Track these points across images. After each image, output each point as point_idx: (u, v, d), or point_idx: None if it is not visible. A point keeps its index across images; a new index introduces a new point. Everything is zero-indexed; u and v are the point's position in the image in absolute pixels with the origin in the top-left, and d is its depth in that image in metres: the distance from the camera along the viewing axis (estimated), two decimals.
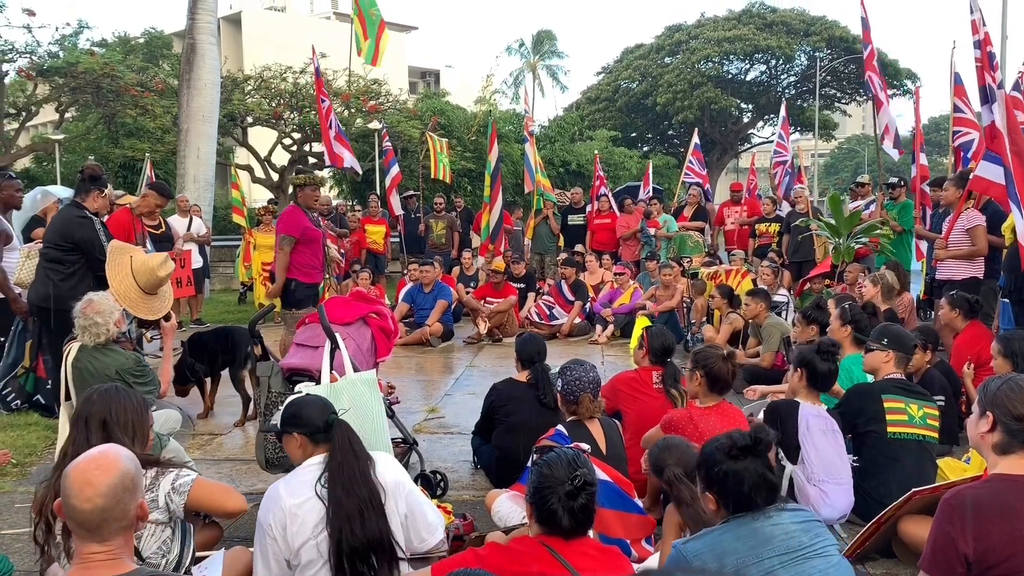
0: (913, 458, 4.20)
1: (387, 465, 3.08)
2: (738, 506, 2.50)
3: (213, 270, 14.30)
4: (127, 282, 4.93)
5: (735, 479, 2.48)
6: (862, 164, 58.77)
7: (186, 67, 14.56)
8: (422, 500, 3.12)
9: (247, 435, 5.99)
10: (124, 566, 2.08)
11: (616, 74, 44.02)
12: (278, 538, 2.89)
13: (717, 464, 2.53)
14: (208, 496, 2.95)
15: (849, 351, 5.25)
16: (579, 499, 2.42)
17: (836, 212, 8.96)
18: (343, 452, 2.95)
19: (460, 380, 8.08)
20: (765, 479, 2.49)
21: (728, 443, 2.53)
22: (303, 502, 2.88)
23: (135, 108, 20.46)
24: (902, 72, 38.38)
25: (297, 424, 3.07)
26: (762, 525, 2.46)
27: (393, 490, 2.99)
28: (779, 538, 2.44)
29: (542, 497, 2.45)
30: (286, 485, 2.98)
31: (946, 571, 2.54)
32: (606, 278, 11.24)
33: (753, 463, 2.49)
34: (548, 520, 2.44)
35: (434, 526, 3.10)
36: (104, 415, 2.96)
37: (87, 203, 5.81)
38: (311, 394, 3.29)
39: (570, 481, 2.41)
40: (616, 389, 4.82)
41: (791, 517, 2.51)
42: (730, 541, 2.45)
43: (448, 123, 22.08)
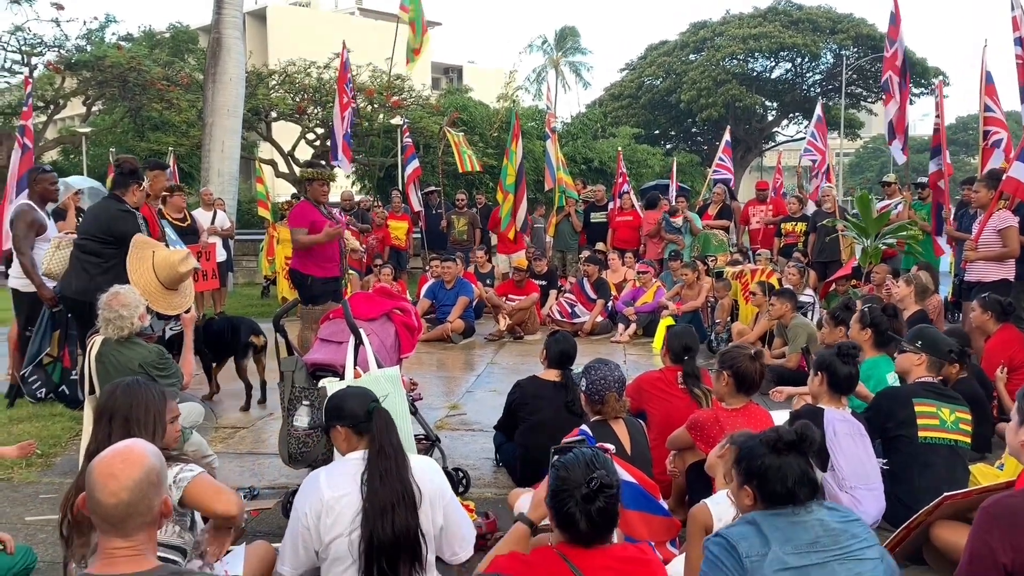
0: (944, 463, 4.12)
1: (430, 472, 3.03)
2: (778, 500, 2.43)
3: (236, 264, 14.38)
4: (147, 276, 4.94)
5: (778, 473, 2.41)
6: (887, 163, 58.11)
7: (211, 61, 14.64)
8: (459, 512, 3.06)
9: (270, 429, 5.99)
10: (147, 562, 2.06)
11: (640, 71, 43.78)
12: (311, 527, 2.86)
13: (759, 457, 2.47)
14: (200, 494, 2.88)
15: (869, 354, 5.16)
16: (597, 502, 2.34)
17: (864, 212, 8.84)
18: (381, 441, 2.91)
19: (481, 377, 8.05)
20: (808, 476, 2.43)
21: (773, 437, 2.47)
22: (342, 496, 2.85)
23: (161, 102, 20.65)
24: (930, 71, 37.88)
25: (340, 417, 3.05)
26: (802, 518, 2.40)
27: (433, 497, 2.93)
28: (819, 534, 2.38)
29: (559, 501, 2.38)
30: (328, 475, 2.95)
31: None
32: (628, 276, 11.17)
33: (796, 459, 2.43)
34: (566, 524, 2.38)
35: (467, 541, 3.05)
36: (126, 411, 2.95)
37: (126, 197, 5.83)
38: (352, 386, 3.26)
39: (586, 484, 2.34)
40: (641, 389, 4.77)
41: (833, 515, 2.45)
42: (771, 528, 2.39)
43: (470, 119, 22.07)
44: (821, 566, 2.33)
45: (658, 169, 28.04)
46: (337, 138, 12.41)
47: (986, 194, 7.40)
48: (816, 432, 2.54)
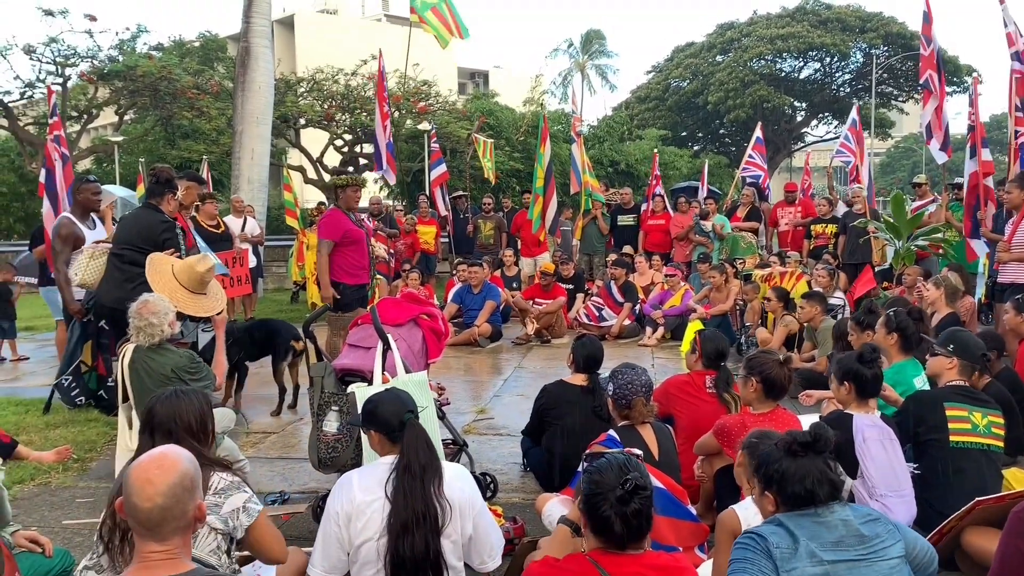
0: (976, 467, 4.06)
1: (462, 481, 3.03)
2: (799, 502, 2.44)
3: (266, 270, 14.54)
4: (171, 284, 5.00)
5: (796, 476, 2.43)
6: (919, 163, 57.36)
7: (240, 70, 14.82)
8: (489, 522, 3.06)
9: (300, 434, 6.05)
10: (183, 565, 2.11)
11: (666, 73, 43.64)
12: (342, 527, 2.88)
13: (775, 462, 2.48)
14: (265, 533, 2.94)
15: (896, 359, 5.08)
16: (632, 504, 2.33)
17: (898, 213, 8.73)
18: (409, 458, 2.91)
19: (509, 381, 8.07)
20: (827, 476, 2.44)
21: (788, 439, 2.48)
22: (373, 500, 2.87)
23: (191, 110, 20.93)
24: (962, 69, 37.35)
25: (373, 422, 3.08)
26: (825, 517, 2.42)
27: (463, 508, 2.93)
28: (841, 532, 2.39)
29: (593, 505, 2.37)
30: (360, 478, 2.97)
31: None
32: (656, 279, 11.14)
33: (813, 460, 2.44)
34: (601, 528, 2.36)
35: (496, 550, 3.06)
36: (169, 425, 3.00)
37: (162, 206, 5.91)
38: (392, 390, 3.24)
39: (621, 486, 2.33)
40: (668, 393, 4.76)
41: (853, 513, 2.46)
42: (796, 525, 2.41)
43: (497, 123, 22.13)
44: (848, 564, 2.34)
45: (685, 171, 27.92)
46: (381, 148, 12.50)
47: (1019, 195, 7.29)
48: (830, 431, 2.54)
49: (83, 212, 6.89)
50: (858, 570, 2.35)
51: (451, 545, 2.91)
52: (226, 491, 2.91)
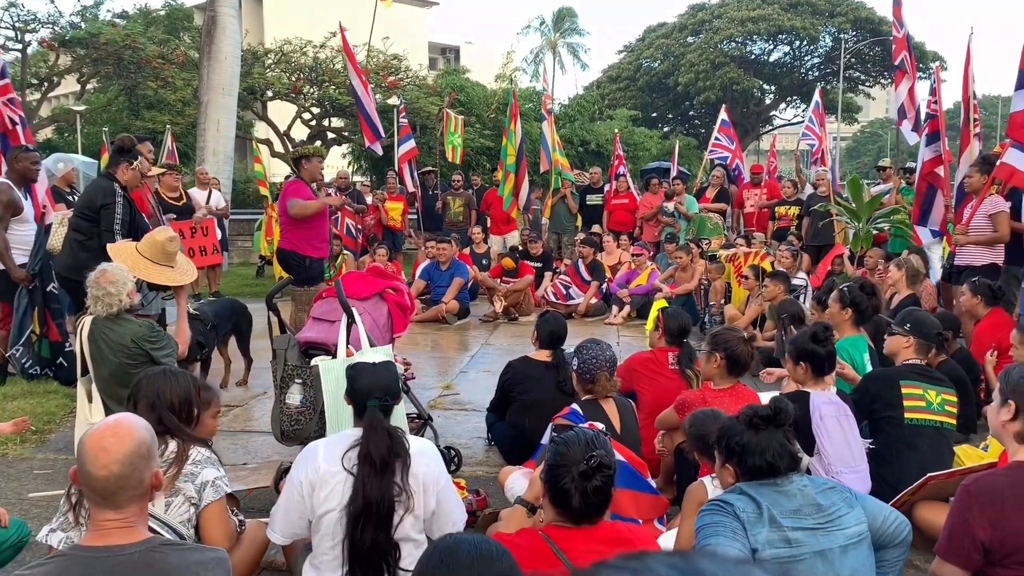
0: (930, 444, 4.16)
1: (428, 456, 3.02)
2: (759, 474, 2.50)
3: (231, 244, 14.37)
4: (133, 256, 4.91)
5: (756, 448, 2.49)
6: (884, 148, 58.08)
7: (207, 39, 14.56)
8: (453, 498, 3.06)
9: (263, 407, 6.02)
10: (139, 534, 2.10)
11: (638, 53, 43.68)
12: (305, 496, 2.88)
13: (737, 435, 2.53)
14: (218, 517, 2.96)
15: (848, 332, 5.19)
16: (593, 480, 2.34)
17: (856, 197, 8.86)
18: (368, 447, 2.87)
19: (476, 358, 8.09)
20: (787, 449, 2.50)
21: (749, 413, 2.53)
22: (337, 471, 2.86)
23: (156, 80, 20.53)
24: (928, 55, 37.80)
25: (348, 390, 3.09)
26: (785, 487, 2.48)
27: (427, 484, 2.93)
28: (800, 501, 2.46)
29: (556, 475, 2.38)
30: (326, 448, 2.95)
31: (963, 558, 2.52)
32: (623, 258, 11.19)
33: (774, 433, 2.49)
34: (560, 500, 2.38)
35: (457, 525, 3.06)
36: (153, 399, 3.00)
37: (118, 174, 5.82)
38: (383, 366, 3.14)
39: (585, 461, 2.34)
40: (632, 369, 4.81)
41: (811, 484, 2.53)
42: (757, 493, 2.47)
43: (467, 100, 21.98)
44: (806, 531, 2.41)
45: (655, 152, 27.98)
46: (375, 119, 12.36)
47: (979, 179, 7.41)
48: (790, 405, 2.59)
49: (20, 181, 6.72)
50: (815, 538, 2.41)
51: (413, 519, 2.92)
52: (202, 463, 2.96)
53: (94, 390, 4.49)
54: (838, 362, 4.43)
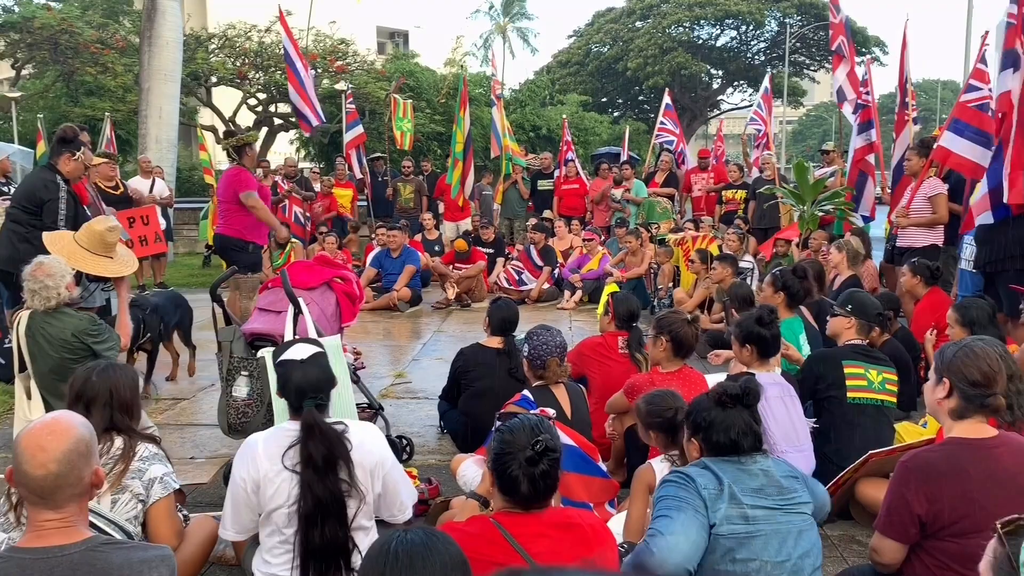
0: (872, 422, 4.27)
1: (370, 441, 2.98)
2: (722, 450, 2.56)
3: (177, 233, 14.09)
4: (71, 247, 4.76)
5: (723, 425, 2.54)
6: (829, 131, 59.13)
7: (147, 24, 14.20)
8: (399, 477, 3.04)
9: (210, 400, 5.93)
10: (79, 533, 2.05)
11: (587, 37, 43.72)
12: (250, 493, 2.84)
13: (705, 411, 2.59)
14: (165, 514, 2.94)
15: (784, 315, 5.29)
16: (540, 465, 2.34)
17: (801, 180, 9.01)
18: (310, 450, 2.81)
19: (428, 345, 8.06)
20: (752, 428, 2.55)
21: (719, 390, 2.59)
22: (281, 469, 2.82)
23: (95, 66, 19.97)
24: (870, 39, 38.49)
25: (279, 386, 3.03)
26: (748, 465, 2.53)
27: (373, 469, 2.92)
28: (762, 481, 2.51)
29: (503, 463, 2.38)
30: (265, 445, 2.89)
31: (900, 532, 2.59)
32: (575, 244, 11.24)
33: (741, 412, 2.55)
34: (508, 488, 2.38)
35: (405, 505, 3.06)
36: (106, 398, 2.94)
37: (59, 166, 5.66)
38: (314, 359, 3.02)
39: (531, 447, 2.34)
40: (582, 354, 4.84)
41: (775, 465, 2.58)
42: (720, 469, 2.52)
43: (417, 84, 21.81)
44: (766, 511, 2.46)
45: (606, 137, 28.10)
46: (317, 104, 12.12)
47: (917, 162, 7.60)
48: (760, 387, 2.65)
49: None
50: (775, 517, 2.47)
51: (364, 508, 2.91)
52: (150, 459, 2.93)
53: (33, 387, 4.36)
54: (783, 343, 4.52)
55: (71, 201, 5.63)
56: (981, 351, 2.61)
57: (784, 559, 2.44)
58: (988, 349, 2.63)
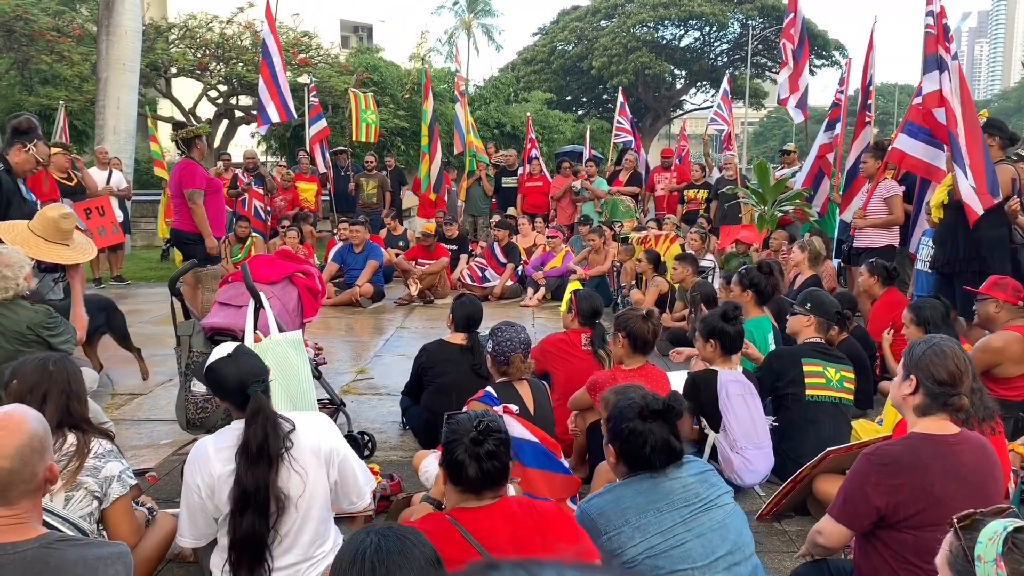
0: (830, 419, 4.35)
1: (322, 431, 2.97)
2: (637, 463, 2.56)
3: (135, 226, 13.85)
4: (24, 234, 4.65)
5: (639, 439, 2.53)
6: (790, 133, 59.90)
7: (105, 12, 13.92)
8: (354, 465, 3.02)
9: (168, 395, 5.84)
10: (32, 530, 2.01)
11: (552, 35, 43.79)
12: (205, 499, 2.81)
13: (626, 421, 2.57)
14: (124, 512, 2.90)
15: (753, 313, 5.36)
16: (486, 445, 2.34)
17: (762, 180, 9.13)
18: (248, 436, 2.77)
19: (390, 341, 8.02)
20: (669, 444, 2.54)
21: (641, 403, 2.56)
22: (233, 470, 2.78)
23: (50, 54, 19.50)
24: (831, 43, 39.13)
25: (215, 389, 2.96)
26: (661, 480, 2.53)
27: (327, 458, 2.89)
28: (677, 492, 2.52)
29: (449, 450, 2.38)
30: (216, 448, 2.85)
31: (854, 519, 2.65)
32: (539, 241, 11.26)
33: (660, 428, 2.53)
34: (456, 474, 2.37)
35: (363, 491, 3.04)
36: (64, 388, 2.88)
37: (9, 157, 5.51)
38: (237, 353, 2.99)
39: (474, 428, 2.35)
40: (545, 351, 4.85)
41: (688, 470, 2.60)
42: (631, 496, 2.52)
43: (381, 79, 21.68)
44: (684, 523, 2.48)
45: (570, 135, 28.17)
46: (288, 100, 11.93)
47: (873, 164, 7.74)
48: (684, 403, 2.65)
49: None
50: (695, 520, 2.50)
51: (320, 496, 2.88)
52: (105, 456, 2.87)
53: None
54: (745, 343, 4.57)
55: (20, 194, 5.46)
56: (950, 351, 2.66)
57: (713, 559, 2.47)
58: (956, 349, 2.68)
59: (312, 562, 2.89)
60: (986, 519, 1.76)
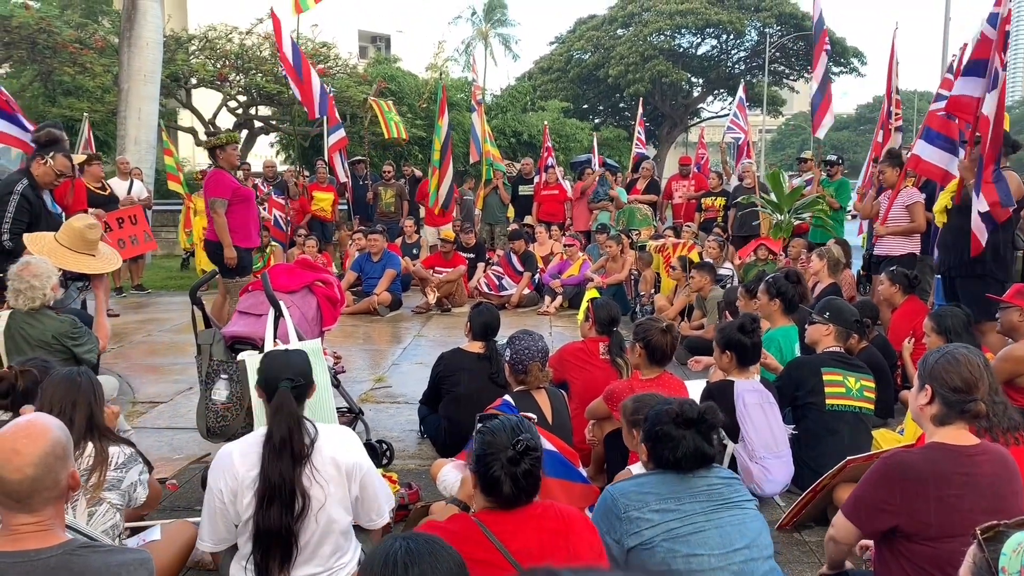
0: (850, 429, 4.31)
1: (347, 445, 2.98)
2: (666, 465, 2.62)
3: (155, 235, 13.94)
4: (51, 245, 4.72)
5: (670, 443, 2.59)
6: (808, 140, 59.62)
7: (127, 24, 14.09)
8: (376, 484, 3.03)
9: (188, 403, 5.88)
10: (56, 537, 2.03)
11: (569, 44, 43.84)
12: (227, 504, 2.82)
13: (660, 424, 2.62)
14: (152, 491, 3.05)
15: (780, 322, 5.32)
16: (522, 464, 2.36)
17: (776, 188, 9.09)
18: (272, 428, 2.83)
19: (408, 349, 8.04)
20: (700, 451, 2.59)
21: (677, 410, 2.61)
22: (256, 473, 2.80)
23: (73, 66, 19.75)
24: (849, 50, 38.95)
25: (259, 379, 3.04)
26: (687, 478, 2.60)
27: (350, 471, 2.90)
28: (702, 488, 2.58)
29: (485, 464, 2.38)
30: (240, 453, 2.87)
31: (865, 520, 2.67)
32: (555, 249, 11.26)
33: (693, 436, 2.58)
34: (491, 488, 2.39)
35: (383, 509, 3.05)
36: (90, 398, 2.93)
37: (32, 169, 5.58)
38: (292, 351, 3.16)
39: (512, 447, 2.36)
40: (563, 359, 4.84)
41: (716, 473, 2.65)
42: (654, 484, 2.60)
43: (399, 89, 21.79)
44: (704, 513, 2.53)
45: (586, 143, 28.16)
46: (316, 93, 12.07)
47: (892, 173, 7.69)
48: (719, 415, 2.68)
49: None
50: (717, 514, 2.55)
51: (341, 509, 2.89)
52: (126, 465, 2.91)
53: None
54: (762, 352, 4.55)
55: (27, 207, 5.50)
56: (963, 358, 2.65)
57: (731, 550, 2.51)
58: (970, 356, 2.67)
59: (330, 572, 2.90)
60: (1010, 530, 1.74)
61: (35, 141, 5.73)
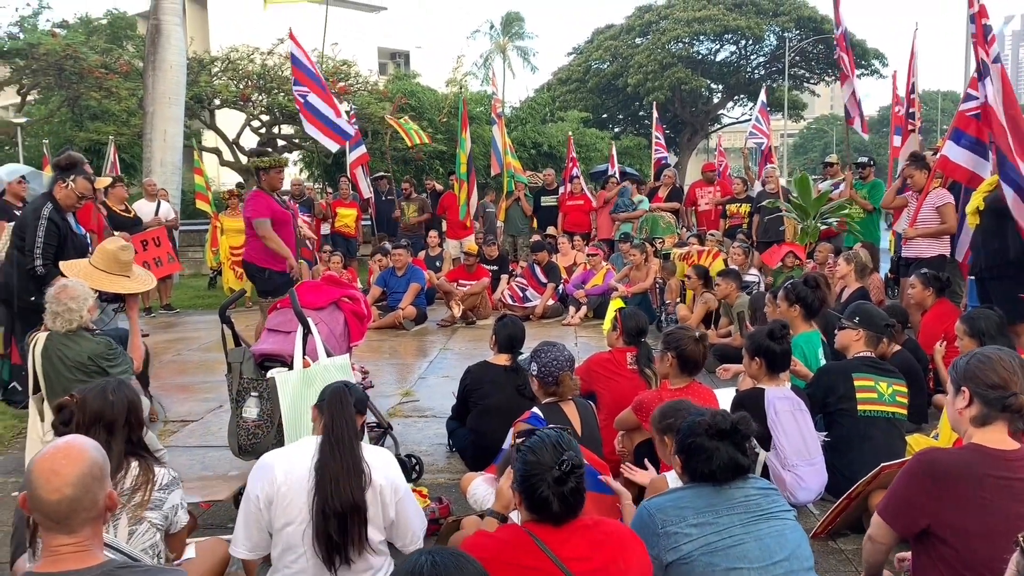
0: (883, 435, 4.25)
1: (385, 466, 3.01)
2: (701, 477, 2.59)
3: (182, 255, 14.11)
4: (87, 269, 4.79)
5: (705, 455, 2.56)
6: (830, 144, 59.27)
7: (151, 48, 14.30)
8: (411, 507, 3.05)
9: (219, 421, 5.93)
10: (94, 557, 2.04)
11: (587, 55, 43.95)
12: (263, 509, 2.85)
13: (694, 436, 2.60)
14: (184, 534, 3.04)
15: (802, 328, 5.27)
16: (569, 483, 2.34)
17: (804, 193, 9.02)
18: (332, 413, 2.94)
19: (434, 363, 8.06)
20: (735, 462, 2.56)
21: (709, 422, 2.59)
22: (295, 482, 2.83)
23: (99, 90, 20.07)
24: (869, 52, 38.69)
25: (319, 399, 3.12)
26: (724, 490, 2.57)
27: (385, 492, 2.92)
28: (739, 499, 2.55)
29: (531, 485, 2.36)
30: (281, 461, 2.92)
31: (901, 521, 2.64)
32: (579, 260, 11.25)
33: (726, 447, 2.55)
34: (539, 508, 2.37)
35: (417, 535, 3.06)
36: (125, 415, 2.93)
37: (56, 194, 5.66)
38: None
39: (558, 466, 2.33)
40: (591, 370, 4.83)
41: (753, 484, 2.62)
42: (691, 498, 2.57)
43: (419, 104, 21.90)
44: (743, 525, 2.50)
45: (607, 153, 28.11)
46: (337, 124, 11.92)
47: (920, 176, 7.61)
48: (752, 425, 2.66)
49: None
50: (755, 525, 2.51)
51: (375, 529, 2.90)
52: (169, 487, 2.91)
53: (46, 408, 4.37)
54: (791, 359, 4.51)
55: (55, 230, 5.58)
56: (995, 355, 2.63)
57: (770, 562, 2.47)
58: (1001, 353, 2.65)
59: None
60: None
61: (56, 165, 5.81)
